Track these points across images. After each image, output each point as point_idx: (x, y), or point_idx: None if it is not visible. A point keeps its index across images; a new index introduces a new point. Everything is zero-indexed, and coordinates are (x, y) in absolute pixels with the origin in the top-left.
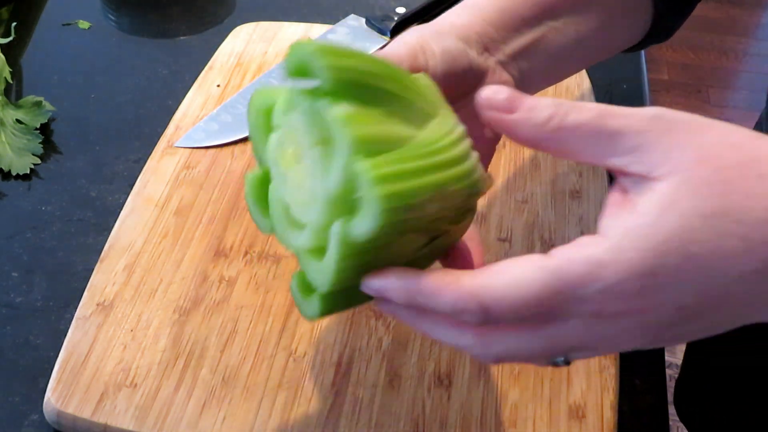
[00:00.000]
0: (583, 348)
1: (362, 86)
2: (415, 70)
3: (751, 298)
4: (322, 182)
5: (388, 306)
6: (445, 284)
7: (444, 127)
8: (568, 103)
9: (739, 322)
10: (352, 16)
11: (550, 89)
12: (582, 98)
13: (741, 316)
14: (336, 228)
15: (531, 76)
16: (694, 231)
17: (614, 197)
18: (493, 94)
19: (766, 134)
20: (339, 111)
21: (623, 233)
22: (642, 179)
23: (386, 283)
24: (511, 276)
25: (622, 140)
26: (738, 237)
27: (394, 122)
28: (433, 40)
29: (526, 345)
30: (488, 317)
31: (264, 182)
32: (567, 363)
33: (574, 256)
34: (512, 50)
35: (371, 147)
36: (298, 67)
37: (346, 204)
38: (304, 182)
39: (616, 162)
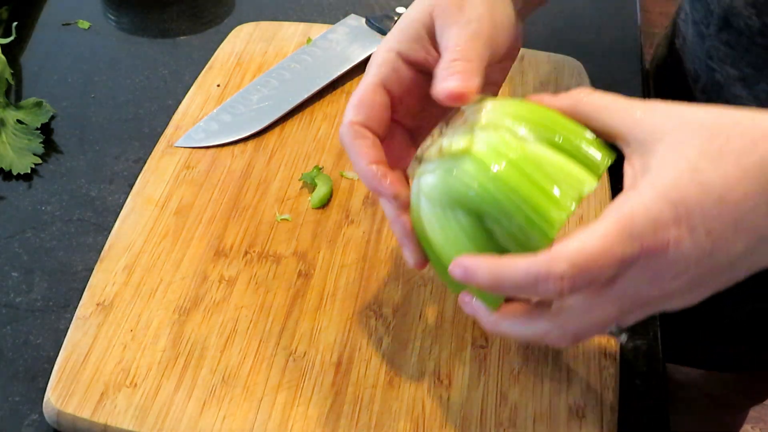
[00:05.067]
0: (645, 301)
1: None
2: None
3: (755, 226)
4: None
5: (469, 304)
6: (528, 258)
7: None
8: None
9: (753, 263)
10: (352, 16)
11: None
12: None
13: (753, 252)
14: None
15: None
16: (701, 166)
17: (629, 171)
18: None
19: None
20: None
21: (650, 183)
22: (649, 141)
23: (474, 263)
24: (582, 234)
25: (632, 109)
26: (737, 167)
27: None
28: (498, 10)
29: (600, 310)
30: (575, 275)
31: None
32: (620, 332)
33: (619, 206)
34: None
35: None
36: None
37: None
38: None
39: (628, 123)
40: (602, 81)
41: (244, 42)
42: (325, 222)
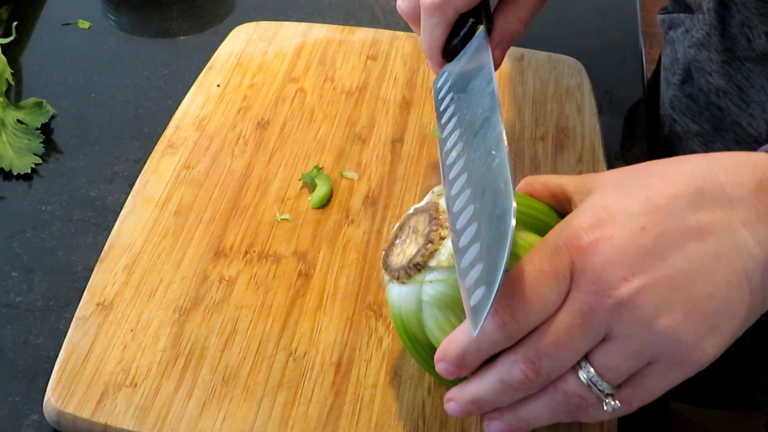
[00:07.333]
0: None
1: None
2: None
3: (702, 226)
4: None
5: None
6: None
7: None
8: None
9: (728, 278)
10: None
11: (551, 88)
12: (582, 99)
13: (723, 260)
14: None
15: None
16: (626, 183)
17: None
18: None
19: None
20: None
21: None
22: (588, 191)
23: (445, 344)
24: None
25: (580, 176)
26: (663, 180)
27: None
28: None
29: (566, 326)
30: (509, 305)
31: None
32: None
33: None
34: None
35: None
36: None
37: None
38: None
39: (575, 182)
40: (602, 81)
41: (244, 42)
42: (325, 222)
